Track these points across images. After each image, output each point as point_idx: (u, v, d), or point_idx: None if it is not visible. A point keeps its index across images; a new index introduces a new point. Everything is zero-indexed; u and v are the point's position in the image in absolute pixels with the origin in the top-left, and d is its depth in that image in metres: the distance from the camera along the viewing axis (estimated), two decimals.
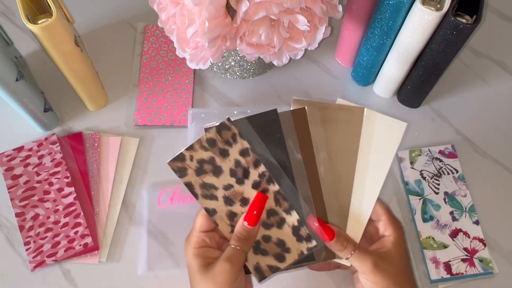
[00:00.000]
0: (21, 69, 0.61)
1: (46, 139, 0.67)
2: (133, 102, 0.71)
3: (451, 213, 0.62)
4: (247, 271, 0.48)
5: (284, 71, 0.75)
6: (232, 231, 0.48)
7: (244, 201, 0.48)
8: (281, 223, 0.48)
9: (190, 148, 0.47)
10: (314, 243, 0.48)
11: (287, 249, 0.48)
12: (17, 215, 0.62)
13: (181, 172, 0.47)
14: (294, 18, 0.54)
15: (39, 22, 0.55)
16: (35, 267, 0.60)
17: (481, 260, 0.60)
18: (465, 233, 0.61)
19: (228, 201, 0.48)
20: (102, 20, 0.79)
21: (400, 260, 0.47)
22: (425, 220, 0.62)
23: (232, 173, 0.48)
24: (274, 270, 0.48)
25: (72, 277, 0.60)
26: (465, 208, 0.63)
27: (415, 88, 0.67)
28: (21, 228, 0.62)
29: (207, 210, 0.48)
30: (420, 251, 0.61)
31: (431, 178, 0.65)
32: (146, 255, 0.61)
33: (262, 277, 0.48)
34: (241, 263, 0.46)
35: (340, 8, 0.56)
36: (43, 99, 0.66)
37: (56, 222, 0.62)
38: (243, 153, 0.48)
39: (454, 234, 0.61)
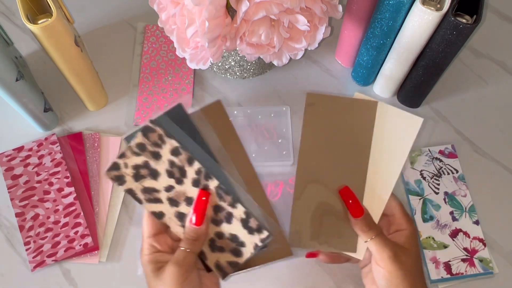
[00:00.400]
0: (21, 69, 0.61)
1: (46, 139, 0.67)
2: (133, 102, 0.71)
3: (451, 213, 0.62)
4: (209, 270, 0.48)
5: (284, 71, 0.75)
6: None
7: (188, 200, 0.48)
8: (229, 217, 0.48)
9: (122, 155, 0.47)
10: (265, 233, 0.47)
11: (242, 243, 0.48)
12: (17, 215, 0.62)
13: (119, 180, 0.47)
14: (294, 18, 0.54)
15: (39, 22, 0.55)
16: (35, 267, 0.60)
17: (481, 260, 0.60)
18: (465, 233, 0.61)
19: (173, 202, 0.48)
20: (102, 20, 0.79)
21: (415, 254, 0.47)
22: (425, 220, 0.62)
23: (169, 174, 0.47)
24: (234, 265, 0.48)
25: (72, 277, 0.60)
26: (465, 208, 0.63)
27: (415, 88, 0.67)
28: (21, 228, 0.62)
29: (154, 214, 0.48)
30: (420, 251, 0.61)
31: (431, 178, 0.65)
32: None
33: (224, 274, 0.48)
34: (190, 264, 0.46)
35: (340, 8, 0.56)
36: (43, 99, 0.66)
37: (56, 222, 0.62)
38: (174, 152, 0.47)
39: (454, 234, 0.61)
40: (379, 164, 0.50)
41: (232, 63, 0.70)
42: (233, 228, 0.48)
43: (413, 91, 0.68)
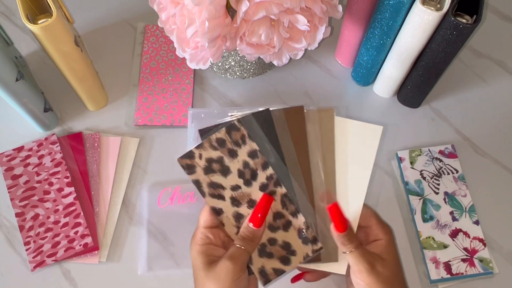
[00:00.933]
0: (21, 69, 0.61)
1: (46, 139, 0.67)
2: (133, 102, 0.71)
3: (451, 213, 0.62)
4: (251, 273, 0.48)
5: (284, 71, 0.75)
6: (238, 232, 0.48)
7: (251, 203, 0.48)
8: (287, 225, 0.48)
9: (200, 146, 0.47)
10: (319, 245, 0.48)
11: (293, 252, 0.48)
12: (17, 215, 0.62)
13: (189, 169, 0.48)
14: (294, 18, 0.54)
15: (39, 22, 0.55)
16: (35, 267, 0.60)
17: (481, 260, 0.60)
18: (465, 233, 0.61)
19: (235, 202, 0.48)
20: (102, 20, 0.79)
21: (394, 264, 0.47)
22: (425, 220, 0.62)
23: (240, 174, 0.48)
24: (279, 273, 0.48)
25: (72, 277, 0.60)
26: (465, 208, 0.63)
27: (415, 88, 0.67)
28: (21, 228, 0.62)
29: (214, 209, 0.48)
30: (420, 251, 0.61)
31: (431, 178, 0.65)
32: (146, 255, 0.61)
33: (267, 280, 0.48)
34: (244, 262, 0.46)
35: (340, 8, 0.56)
36: (43, 99, 0.66)
37: (56, 222, 0.62)
38: (252, 154, 0.48)
39: (454, 234, 0.61)
40: (346, 178, 0.50)
41: (232, 63, 0.70)
42: (288, 236, 0.48)
43: (413, 91, 0.68)
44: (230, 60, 0.69)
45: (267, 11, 0.51)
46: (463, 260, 0.60)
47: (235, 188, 0.48)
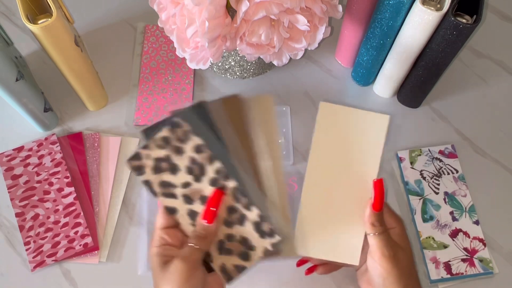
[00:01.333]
0: (21, 69, 0.61)
1: (46, 139, 0.67)
2: (133, 102, 0.71)
3: (451, 213, 0.62)
4: (211, 271, 0.48)
5: (284, 71, 0.75)
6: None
7: (203, 199, 0.47)
8: (242, 220, 0.47)
9: (146, 147, 0.47)
10: (277, 238, 0.47)
11: (251, 247, 0.47)
12: (17, 215, 0.62)
13: (138, 170, 0.47)
14: (294, 18, 0.54)
15: (39, 22, 0.55)
16: (35, 267, 0.60)
17: (481, 260, 0.60)
18: (465, 233, 0.61)
19: (188, 199, 0.48)
20: (102, 20, 0.79)
21: (410, 253, 0.48)
22: (425, 220, 0.62)
23: (189, 170, 0.47)
24: (240, 269, 0.47)
25: (72, 277, 0.60)
26: (465, 208, 0.63)
27: (415, 88, 0.67)
28: (21, 228, 0.62)
29: (167, 208, 0.48)
30: (420, 251, 0.61)
31: (431, 178, 0.65)
32: (146, 255, 0.61)
33: (229, 278, 0.47)
34: (196, 260, 0.45)
35: (340, 8, 0.56)
36: (43, 99, 0.66)
37: (56, 222, 0.62)
38: (198, 149, 0.47)
39: (454, 234, 0.61)
40: (356, 167, 0.50)
41: (232, 63, 0.70)
42: (245, 231, 0.47)
43: (413, 91, 0.68)
44: (230, 60, 0.69)
45: (267, 11, 0.51)
46: (463, 260, 0.60)
47: (186, 185, 0.47)
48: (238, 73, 0.72)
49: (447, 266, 0.59)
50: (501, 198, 0.65)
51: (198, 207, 0.47)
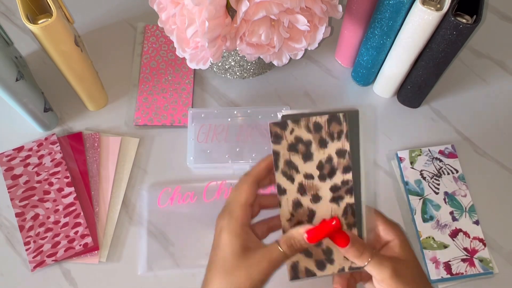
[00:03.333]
0: (21, 69, 0.61)
1: (46, 139, 0.67)
2: (133, 102, 0.71)
3: (451, 213, 0.62)
4: None
5: (284, 71, 0.75)
6: (290, 219, 0.46)
7: (315, 198, 0.46)
8: None
9: (296, 121, 0.45)
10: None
11: (331, 260, 0.46)
12: (17, 215, 0.62)
13: (276, 138, 0.46)
14: (294, 18, 0.54)
15: (39, 22, 0.55)
16: (35, 267, 0.60)
17: (481, 260, 0.60)
18: (465, 233, 0.61)
19: (302, 189, 0.46)
20: (102, 20, 0.79)
21: (414, 263, 0.45)
22: (425, 220, 0.62)
23: (320, 166, 0.46)
24: (310, 274, 0.46)
25: (72, 277, 0.60)
26: (465, 208, 0.63)
27: (415, 88, 0.67)
28: (21, 228, 0.62)
29: (278, 186, 0.46)
30: (420, 251, 0.61)
31: (431, 178, 0.65)
32: (146, 255, 0.61)
33: (295, 276, 0.46)
34: (277, 267, 0.43)
35: (340, 8, 0.56)
36: (43, 99, 0.66)
37: (56, 222, 0.62)
38: (340, 153, 0.46)
39: (454, 234, 0.61)
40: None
41: (232, 63, 0.70)
42: (334, 244, 0.46)
43: (413, 91, 0.68)
44: (230, 60, 0.69)
45: (267, 11, 0.51)
46: (463, 260, 0.60)
47: (309, 176, 0.46)
48: (238, 73, 0.72)
49: (447, 266, 0.59)
50: (501, 198, 0.65)
51: (306, 202, 0.46)
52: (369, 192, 0.47)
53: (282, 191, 0.46)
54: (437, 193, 0.64)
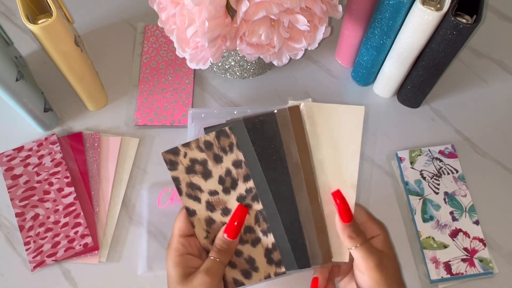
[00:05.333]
0: (21, 69, 0.61)
1: (46, 139, 0.67)
2: (133, 102, 0.71)
3: (451, 213, 0.62)
4: None
5: (284, 71, 0.75)
6: (207, 237, 0.48)
7: (225, 211, 0.48)
8: (255, 242, 0.48)
9: (187, 145, 0.47)
10: (283, 269, 0.48)
11: (255, 268, 0.48)
12: (17, 215, 0.62)
13: (172, 165, 0.47)
14: (294, 18, 0.54)
15: (39, 22, 0.55)
16: (35, 267, 0.60)
17: (481, 260, 0.60)
18: (465, 233, 0.61)
19: (210, 206, 0.48)
20: (102, 20, 0.79)
21: (394, 258, 0.47)
22: (425, 220, 0.62)
23: (221, 180, 0.48)
24: (238, 284, 0.48)
25: (72, 277, 0.60)
26: (465, 208, 0.63)
27: (415, 88, 0.67)
28: (21, 228, 0.62)
29: (187, 209, 0.48)
30: (420, 251, 0.61)
31: (431, 178, 0.65)
32: (146, 255, 0.61)
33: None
34: (221, 275, 0.46)
35: (340, 8, 0.56)
36: (43, 99, 0.66)
37: (56, 222, 0.62)
38: (236, 164, 0.47)
39: (454, 234, 0.61)
40: (336, 164, 0.48)
41: (232, 63, 0.70)
42: (255, 252, 0.48)
43: (413, 91, 0.68)
44: (230, 60, 0.69)
45: (267, 11, 0.51)
46: (463, 260, 0.60)
47: (213, 193, 0.48)
48: (238, 73, 0.72)
49: (447, 266, 0.59)
50: (501, 198, 0.65)
51: (218, 217, 0.48)
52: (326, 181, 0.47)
53: (191, 212, 0.48)
54: (437, 193, 0.64)
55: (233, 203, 0.48)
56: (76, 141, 0.67)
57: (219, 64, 0.71)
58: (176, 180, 0.48)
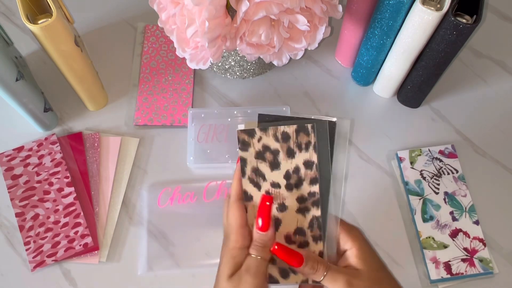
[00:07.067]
0: (21, 69, 0.61)
1: (46, 139, 0.67)
2: (133, 102, 0.71)
3: (451, 213, 0.62)
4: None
5: (284, 71, 0.75)
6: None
7: (281, 207, 0.46)
8: (303, 245, 0.46)
9: (265, 129, 0.46)
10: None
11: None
12: (17, 215, 0.62)
13: (244, 145, 0.46)
14: (294, 18, 0.54)
15: (39, 22, 0.55)
16: (35, 267, 0.60)
17: (481, 260, 0.60)
18: (465, 233, 0.61)
19: None
20: (102, 20, 0.79)
21: (370, 271, 0.44)
22: (425, 220, 0.62)
23: (287, 175, 0.46)
24: (273, 281, 0.47)
25: (72, 277, 0.60)
26: (465, 208, 0.63)
27: (415, 88, 0.67)
28: (21, 228, 0.62)
29: (245, 192, 0.46)
30: (420, 251, 0.61)
31: (431, 178, 0.65)
32: (146, 255, 0.61)
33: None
34: (264, 272, 0.44)
35: (340, 8, 0.56)
36: (43, 99, 0.66)
37: (56, 222, 0.62)
38: (308, 164, 0.46)
39: (454, 234, 0.61)
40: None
41: (232, 63, 0.70)
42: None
43: (413, 91, 0.68)
44: (230, 60, 0.69)
45: (267, 11, 0.51)
46: (463, 260, 0.60)
47: (275, 185, 0.46)
48: (238, 73, 0.72)
49: (447, 266, 0.59)
50: (501, 198, 0.65)
51: (272, 209, 0.46)
52: (337, 204, 0.47)
53: (248, 197, 0.46)
54: (437, 193, 0.64)
55: (292, 201, 0.46)
56: (76, 141, 0.67)
57: (219, 64, 0.71)
58: (243, 161, 0.46)
